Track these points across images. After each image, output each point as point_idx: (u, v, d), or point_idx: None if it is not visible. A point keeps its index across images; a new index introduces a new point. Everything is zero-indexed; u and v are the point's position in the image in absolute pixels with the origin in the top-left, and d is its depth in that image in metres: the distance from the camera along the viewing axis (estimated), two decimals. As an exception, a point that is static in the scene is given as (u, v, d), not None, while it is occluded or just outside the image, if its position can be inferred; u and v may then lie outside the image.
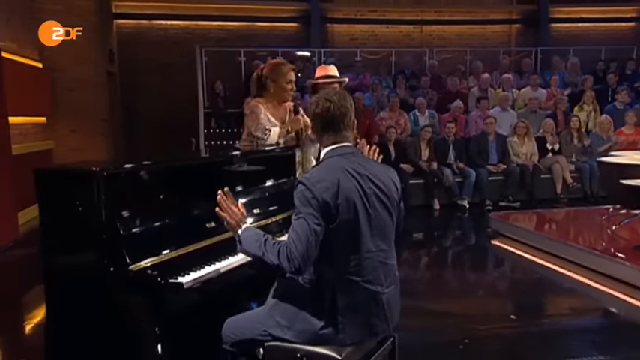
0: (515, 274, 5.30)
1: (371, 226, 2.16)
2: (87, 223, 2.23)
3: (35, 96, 8.55)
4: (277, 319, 2.23)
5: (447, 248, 6.39)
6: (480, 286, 5.00)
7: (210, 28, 11.32)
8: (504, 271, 5.51)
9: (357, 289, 2.15)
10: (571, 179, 8.19)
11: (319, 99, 2.25)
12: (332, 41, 11.36)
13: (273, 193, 3.23)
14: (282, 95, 3.52)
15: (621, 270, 4.51)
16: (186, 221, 2.57)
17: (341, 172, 2.14)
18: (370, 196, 2.16)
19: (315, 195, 2.06)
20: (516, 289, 4.92)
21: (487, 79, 9.70)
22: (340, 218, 2.08)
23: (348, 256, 2.13)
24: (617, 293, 4.34)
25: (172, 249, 2.39)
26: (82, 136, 9.53)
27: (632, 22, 12.46)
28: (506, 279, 5.30)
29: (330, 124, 2.23)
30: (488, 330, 3.74)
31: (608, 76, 10.10)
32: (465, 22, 11.73)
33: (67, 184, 2.26)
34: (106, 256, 2.20)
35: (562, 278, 4.84)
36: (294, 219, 2.11)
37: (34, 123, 8.73)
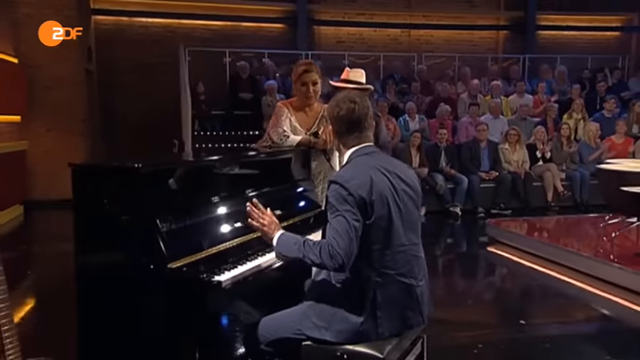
0: (516, 281, 5.47)
1: (403, 221, 2.28)
2: (126, 220, 2.27)
3: (10, 93, 8.43)
4: (314, 321, 2.30)
5: (444, 256, 6.54)
6: (483, 292, 5.15)
7: (193, 27, 11.32)
8: (505, 278, 5.68)
9: (392, 282, 2.26)
10: (562, 187, 8.45)
11: (341, 101, 2.37)
12: (319, 44, 11.48)
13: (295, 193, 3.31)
14: (302, 99, 3.50)
15: (624, 277, 4.70)
16: (217, 219, 2.62)
17: (371, 169, 2.27)
18: (400, 192, 2.29)
19: (351, 192, 2.17)
20: (520, 295, 5.08)
21: (477, 85, 9.95)
22: (375, 214, 2.19)
23: (383, 251, 2.23)
24: (620, 300, 4.53)
25: (206, 247, 2.45)
26: (58, 136, 9.42)
27: (617, 32, 12.93)
28: (508, 286, 5.46)
29: (356, 125, 2.36)
30: (500, 335, 3.88)
31: (598, 85, 10.46)
32: (453, 27, 12.00)
33: (107, 180, 2.30)
34: (144, 253, 2.24)
35: (564, 285, 5.02)
36: (330, 217, 2.21)
37: (8, 122, 8.61)
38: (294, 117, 3.53)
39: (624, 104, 10.36)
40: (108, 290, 2.34)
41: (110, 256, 2.33)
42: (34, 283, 5.13)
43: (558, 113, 9.72)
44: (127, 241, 2.28)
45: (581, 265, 5.15)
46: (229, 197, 2.76)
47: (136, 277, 2.27)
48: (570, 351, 3.59)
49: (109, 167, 2.36)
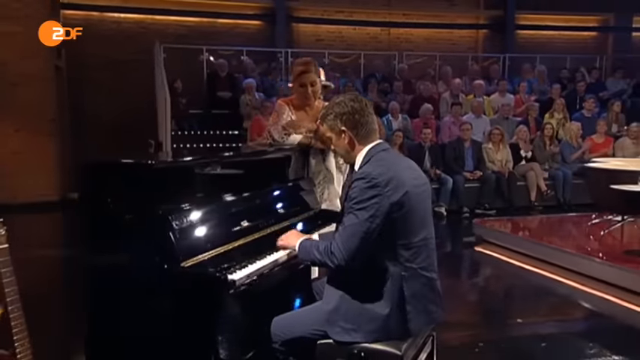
0: (507, 280, 5.58)
1: (423, 215, 2.36)
2: (139, 218, 2.26)
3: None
4: (341, 325, 2.30)
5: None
6: (475, 292, 5.24)
7: (167, 23, 11.22)
8: (496, 278, 5.78)
9: (417, 276, 2.32)
10: (545, 187, 8.65)
11: (343, 101, 2.42)
12: (298, 42, 11.51)
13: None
14: (302, 99, 3.52)
15: (613, 274, 4.85)
16: (227, 217, 2.63)
17: (395, 165, 2.34)
18: (418, 186, 2.36)
19: (380, 188, 2.23)
20: (513, 294, 5.18)
21: (459, 84, 10.10)
22: (402, 208, 2.25)
23: (407, 245, 2.30)
24: (611, 297, 4.67)
25: (215, 246, 2.46)
26: (26, 137, 9.22)
27: (594, 32, 13.29)
28: (500, 285, 5.57)
29: (365, 123, 2.41)
30: (499, 333, 3.97)
31: (578, 85, 10.74)
32: (433, 25, 12.17)
33: (118, 177, 2.28)
34: (158, 252, 2.24)
35: (555, 284, 5.15)
36: (347, 212, 2.27)
37: (-27, 121, 8.42)
38: (295, 115, 3.54)
39: (602, 104, 10.65)
40: (118, 291, 2.33)
41: (121, 256, 2.32)
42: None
43: (539, 113, 9.94)
44: (139, 241, 2.27)
45: (571, 264, 5.28)
46: (234, 195, 2.77)
47: (148, 277, 2.26)
48: (568, 348, 3.69)
49: (121, 164, 2.33)
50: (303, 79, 3.46)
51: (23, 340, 2.00)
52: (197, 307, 2.23)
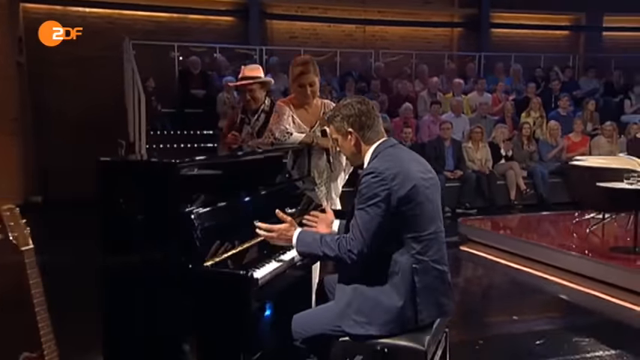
0: (496, 278, 5.77)
1: (432, 208, 2.49)
2: (161, 217, 2.31)
3: None
4: (354, 318, 2.42)
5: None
6: (466, 290, 5.40)
7: (135, 18, 11.11)
8: (485, 276, 5.97)
9: (428, 269, 2.44)
10: (525, 185, 8.93)
11: (350, 104, 2.55)
12: (271, 39, 11.56)
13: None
14: (301, 99, 3.61)
15: (601, 271, 5.08)
16: (241, 216, 2.71)
17: (402, 160, 2.47)
18: (427, 180, 2.49)
19: (386, 182, 2.35)
20: (503, 292, 5.37)
21: (436, 83, 10.32)
22: (410, 202, 2.38)
23: (418, 238, 2.42)
24: (599, 294, 4.91)
25: (233, 244, 2.52)
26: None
27: (566, 31, 13.74)
28: (489, 283, 5.76)
29: (371, 124, 2.54)
30: (497, 331, 4.14)
31: (553, 83, 11.10)
32: (408, 23, 12.38)
33: (139, 176, 2.33)
34: (182, 251, 2.29)
35: (543, 282, 5.37)
36: (357, 209, 2.39)
37: None
38: (296, 115, 3.63)
39: (576, 103, 11.03)
40: (136, 291, 2.37)
41: (139, 257, 2.36)
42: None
43: (515, 112, 10.24)
44: (160, 241, 2.32)
45: (559, 261, 5.51)
46: (246, 194, 2.84)
47: (171, 277, 2.31)
48: (564, 344, 3.87)
49: (140, 164, 2.38)
50: (302, 80, 3.54)
51: (50, 342, 2.03)
52: (225, 305, 2.29)
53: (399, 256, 2.40)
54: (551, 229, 6.95)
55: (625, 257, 5.33)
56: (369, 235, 2.34)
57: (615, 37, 13.93)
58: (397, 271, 2.39)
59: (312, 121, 3.68)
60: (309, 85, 3.55)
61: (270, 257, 2.65)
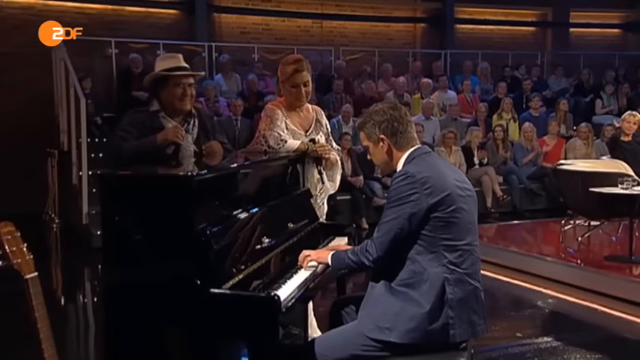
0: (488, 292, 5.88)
1: (468, 219, 2.58)
2: (174, 236, 2.28)
3: None
4: (376, 323, 2.49)
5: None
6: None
7: (63, 10, 10.78)
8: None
9: (461, 282, 2.52)
10: (501, 192, 9.18)
11: (382, 109, 2.67)
12: (220, 34, 11.48)
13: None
14: (293, 101, 3.59)
15: (599, 281, 5.29)
16: (251, 233, 2.69)
17: (436, 167, 2.58)
18: (464, 190, 2.60)
19: (415, 186, 2.47)
20: (499, 307, 5.49)
21: (403, 83, 10.50)
22: (445, 208, 2.48)
23: (452, 247, 2.51)
24: (598, 306, 5.09)
25: (246, 264, 2.52)
26: None
27: (533, 27, 14.25)
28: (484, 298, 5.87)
29: (404, 130, 2.65)
30: (503, 349, 4.22)
31: (524, 83, 11.47)
32: (368, 18, 12.54)
33: (149, 191, 2.29)
34: (197, 274, 2.25)
35: (536, 294, 5.52)
36: (385, 209, 2.54)
37: None
38: (289, 119, 3.62)
39: (547, 103, 11.43)
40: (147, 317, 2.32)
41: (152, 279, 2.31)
42: None
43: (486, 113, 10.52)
44: (175, 262, 2.28)
45: (550, 273, 5.69)
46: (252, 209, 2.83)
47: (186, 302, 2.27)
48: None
49: (151, 177, 2.34)
50: (296, 80, 3.53)
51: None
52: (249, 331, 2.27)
53: (429, 264, 2.49)
54: (538, 238, 7.18)
55: (621, 266, 5.57)
56: (388, 237, 2.48)
57: (582, 34, 14.57)
58: (426, 279, 2.48)
59: (305, 126, 3.68)
60: (303, 85, 3.55)
61: (286, 275, 2.67)
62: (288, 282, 2.60)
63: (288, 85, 3.57)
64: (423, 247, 2.50)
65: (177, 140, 3.15)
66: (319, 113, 3.76)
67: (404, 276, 2.51)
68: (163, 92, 3.26)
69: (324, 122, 3.77)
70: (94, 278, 6.61)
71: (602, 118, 11.51)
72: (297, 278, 2.66)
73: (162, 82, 3.25)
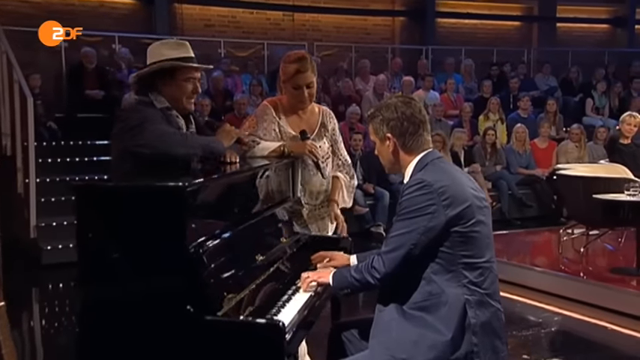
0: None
1: (488, 232, 2.51)
2: (161, 256, 2.15)
3: None
4: (392, 354, 2.37)
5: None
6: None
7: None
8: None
9: (483, 304, 2.43)
10: (490, 199, 9.16)
11: (393, 105, 2.54)
12: (182, 27, 11.31)
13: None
14: (295, 103, 3.45)
15: (604, 296, 5.26)
16: (242, 250, 2.58)
17: (452, 175, 2.49)
18: (480, 200, 2.51)
19: (433, 196, 2.37)
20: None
21: (383, 81, 10.44)
22: (465, 222, 2.40)
23: (472, 265, 2.42)
24: (605, 323, 5.05)
25: (241, 286, 2.40)
26: None
27: (518, 22, 14.37)
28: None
29: (415, 132, 2.54)
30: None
31: (511, 82, 11.51)
32: (343, 11, 12.50)
33: (133, 205, 2.14)
34: (189, 299, 2.12)
35: (537, 310, 5.46)
36: (395, 221, 2.45)
37: None
38: (283, 120, 3.47)
39: (535, 103, 11.48)
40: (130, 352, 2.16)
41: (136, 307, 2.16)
42: None
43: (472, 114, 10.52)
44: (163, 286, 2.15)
45: (551, 287, 5.65)
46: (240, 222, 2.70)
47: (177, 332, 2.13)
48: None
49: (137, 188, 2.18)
50: (298, 80, 3.37)
51: None
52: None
53: (447, 284, 2.40)
54: (534, 249, 7.15)
55: (627, 279, 5.56)
56: (399, 253, 2.38)
57: (569, 29, 14.76)
58: (445, 302, 2.39)
59: (306, 128, 3.49)
60: (306, 86, 3.40)
61: (283, 297, 2.58)
62: (288, 305, 2.50)
63: (290, 86, 3.41)
64: (440, 265, 2.41)
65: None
66: (326, 115, 3.58)
67: (418, 298, 2.41)
68: (167, 87, 2.87)
69: (331, 127, 3.58)
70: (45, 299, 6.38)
71: (594, 120, 11.64)
72: (296, 301, 2.56)
73: (167, 74, 2.86)
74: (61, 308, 5.91)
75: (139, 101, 2.85)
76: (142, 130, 2.60)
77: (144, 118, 2.68)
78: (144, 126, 2.62)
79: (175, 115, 2.89)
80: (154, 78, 2.86)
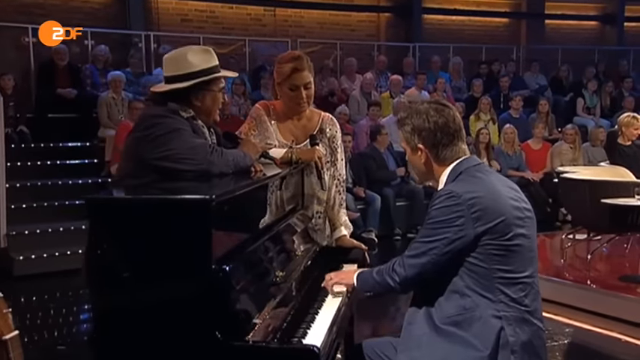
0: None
1: (529, 246, 2.44)
2: (184, 276, 2.05)
3: None
4: None
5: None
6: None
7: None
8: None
9: (523, 322, 2.37)
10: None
11: (426, 113, 2.47)
12: (158, 22, 11.15)
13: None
14: (292, 106, 3.33)
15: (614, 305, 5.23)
16: (263, 266, 2.50)
17: (489, 184, 2.42)
18: (522, 210, 2.45)
19: (461, 209, 2.32)
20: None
21: (371, 80, 10.40)
22: (500, 235, 2.34)
23: (511, 280, 2.36)
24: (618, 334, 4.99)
25: (264, 304, 2.31)
26: None
27: (506, 18, 14.42)
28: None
29: (449, 143, 2.48)
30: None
31: (501, 81, 11.52)
32: (326, 6, 12.43)
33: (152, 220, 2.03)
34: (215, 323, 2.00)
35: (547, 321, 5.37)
36: (425, 226, 2.43)
37: None
38: (275, 126, 3.36)
39: (525, 102, 11.48)
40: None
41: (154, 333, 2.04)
42: None
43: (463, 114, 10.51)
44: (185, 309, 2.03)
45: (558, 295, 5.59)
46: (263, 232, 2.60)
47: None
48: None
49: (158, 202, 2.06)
50: (295, 81, 3.24)
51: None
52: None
53: (482, 300, 2.35)
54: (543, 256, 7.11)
55: (637, 287, 5.53)
56: (421, 260, 2.37)
57: (558, 26, 14.85)
58: (479, 317, 2.34)
59: (301, 138, 3.40)
60: (304, 86, 3.28)
61: (306, 316, 2.50)
62: (314, 324, 2.42)
63: (286, 88, 3.28)
64: (474, 279, 2.35)
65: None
66: (327, 122, 3.46)
67: (451, 312, 2.36)
68: (201, 98, 2.77)
69: (332, 134, 3.46)
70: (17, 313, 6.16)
71: (584, 120, 11.70)
72: (322, 318, 2.49)
73: (205, 84, 2.77)
74: (33, 323, 5.72)
75: (167, 109, 2.70)
76: (167, 141, 2.47)
77: (171, 127, 2.56)
78: (171, 136, 2.51)
79: (201, 125, 2.78)
80: (187, 91, 2.75)
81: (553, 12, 14.70)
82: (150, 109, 3.07)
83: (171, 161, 2.48)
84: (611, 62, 14.09)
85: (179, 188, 2.27)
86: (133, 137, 2.66)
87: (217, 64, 2.88)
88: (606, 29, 15.39)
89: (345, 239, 3.48)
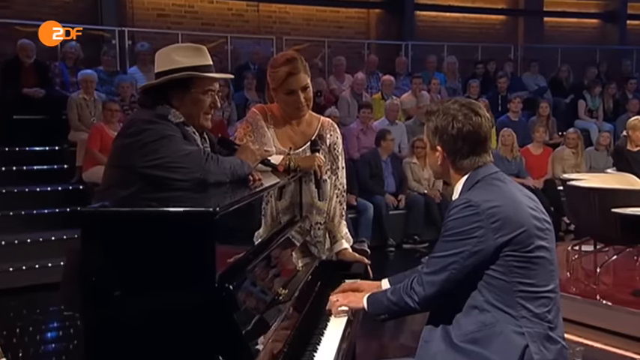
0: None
1: (550, 259, 2.45)
2: (185, 297, 1.99)
3: None
4: None
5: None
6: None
7: None
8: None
9: (547, 339, 2.38)
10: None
11: (452, 116, 2.45)
12: (132, 17, 11.08)
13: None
14: (290, 111, 3.31)
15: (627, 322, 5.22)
16: (264, 282, 2.47)
17: (508, 194, 2.43)
18: (542, 222, 2.46)
19: (480, 219, 2.33)
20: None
21: (362, 80, 10.38)
22: (521, 248, 2.36)
23: (532, 295, 2.38)
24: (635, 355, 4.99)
25: (268, 324, 2.27)
26: None
27: (503, 15, 14.49)
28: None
29: (472, 150, 2.48)
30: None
31: (499, 82, 11.54)
32: (313, 1, 12.44)
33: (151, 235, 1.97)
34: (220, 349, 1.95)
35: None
36: (441, 240, 2.43)
37: None
38: (272, 132, 3.34)
39: (524, 104, 11.51)
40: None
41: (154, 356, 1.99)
42: None
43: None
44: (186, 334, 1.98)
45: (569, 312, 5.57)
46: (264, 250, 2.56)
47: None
48: None
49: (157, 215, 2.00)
50: (291, 85, 3.21)
51: None
52: None
53: (503, 315, 2.36)
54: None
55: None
56: (440, 276, 2.37)
57: (557, 24, 14.93)
58: (499, 333, 2.35)
59: (299, 144, 3.38)
60: (301, 89, 3.24)
61: (311, 337, 2.51)
62: (320, 347, 2.43)
63: (282, 93, 3.25)
64: (494, 293, 2.37)
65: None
66: (327, 127, 3.44)
67: (470, 328, 2.38)
68: (181, 100, 2.70)
69: (332, 141, 3.45)
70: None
71: (586, 123, 11.76)
72: (328, 340, 2.50)
73: (182, 85, 2.70)
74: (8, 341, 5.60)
75: (156, 114, 2.64)
76: (158, 149, 2.43)
77: (161, 134, 2.51)
78: (162, 143, 2.46)
79: (192, 132, 2.73)
80: (167, 90, 2.69)
81: (552, 9, 14.78)
82: (137, 113, 3.00)
83: (163, 170, 2.43)
84: (613, 62, 14.19)
85: (175, 199, 2.23)
86: (121, 144, 2.60)
87: (207, 64, 2.80)
88: (608, 27, 15.49)
89: (347, 252, 3.48)
